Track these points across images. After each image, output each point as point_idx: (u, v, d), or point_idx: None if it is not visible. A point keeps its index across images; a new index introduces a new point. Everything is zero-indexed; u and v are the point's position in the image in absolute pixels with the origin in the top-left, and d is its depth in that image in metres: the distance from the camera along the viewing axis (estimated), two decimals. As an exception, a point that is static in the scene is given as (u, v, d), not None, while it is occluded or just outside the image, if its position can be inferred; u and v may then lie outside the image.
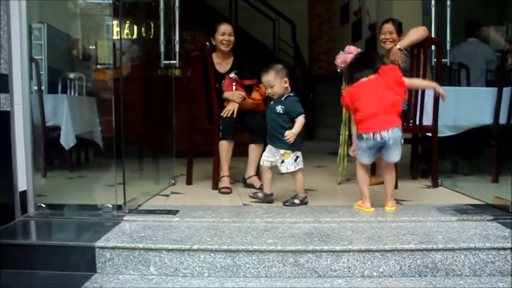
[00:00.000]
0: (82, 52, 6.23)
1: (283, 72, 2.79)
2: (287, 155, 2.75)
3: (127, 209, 2.61)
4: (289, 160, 2.75)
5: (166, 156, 3.80)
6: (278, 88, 2.77)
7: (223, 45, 3.45)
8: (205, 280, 2.06)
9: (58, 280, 2.11)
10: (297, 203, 2.79)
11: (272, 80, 2.76)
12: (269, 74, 2.77)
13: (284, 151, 2.74)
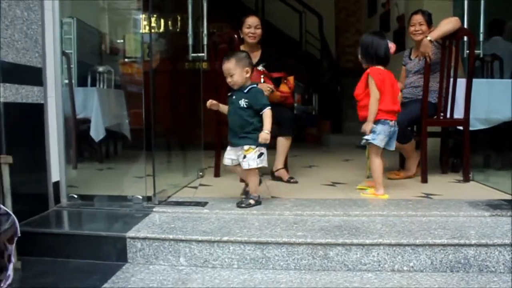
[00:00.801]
0: (110, 46, 6.31)
1: (245, 61, 2.60)
2: (250, 150, 2.56)
3: (156, 200, 2.65)
4: (251, 156, 2.56)
5: (194, 148, 3.82)
6: (238, 77, 2.57)
7: (249, 37, 3.45)
8: (235, 272, 2.07)
9: (91, 268, 2.16)
10: (252, 203, 2.59)
11: (232, 68, 2.57)
12: (229, 62, 2.58)
13: (248, 146, 2.56)
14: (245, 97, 2.58)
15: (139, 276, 2.04)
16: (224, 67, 2.60)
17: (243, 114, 2.58)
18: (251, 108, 2.58)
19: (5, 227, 1.30)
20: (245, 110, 2.58)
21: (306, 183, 3.35)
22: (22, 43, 2.45)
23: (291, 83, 3.50)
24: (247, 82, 2.62)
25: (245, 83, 2.61)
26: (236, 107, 2.61)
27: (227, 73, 2.59)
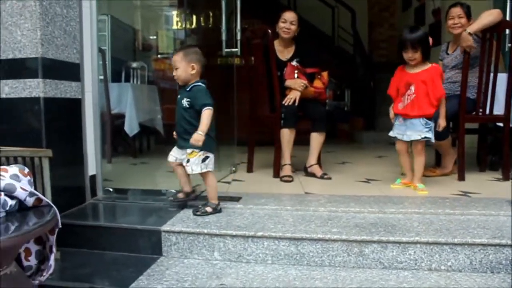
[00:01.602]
0: (143, 42, 6.39)
1: (193, 56, 2.40)
2: (194, 153, 2.37)
3: (191, 194, 2.66)
4: (195, 160, 2.37)
5: (227, 144, 3.83)
6: (182, 72, 2.39)
7: (283, 32, 3.42)
8: (269, 267, 2.07)
9: (126, 261, 2.19)
10: (209, 211, 2.42)
11: (178, 61, 2.40)
12: (177, 55, 2.42)
13: (192, 150, 2.37)
14: (187, 96, 2.40)
15: (174, 269, 2.06)
16: (172, 59, 2.47)
17: (185, 114, 2.40)
18: (193, 108, 2.38)
19: (47, 219, 1.33)
20: (187, 111, 2.40)
21: (340, 179, 3.31)
22: (61, 40, 2.50)
23: (325, 78, 3.46)
24: (192, 80, 2.42)
25: (190, 80, 2.42)
26: (180, 107, 2.43)
27: (173, 65, 2.43)
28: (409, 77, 2.87)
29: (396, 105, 2.95)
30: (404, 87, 2.89)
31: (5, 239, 1.19)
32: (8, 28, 2.37)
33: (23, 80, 2.37)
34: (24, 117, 2.41)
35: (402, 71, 2.94)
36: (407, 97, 2.86)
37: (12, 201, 1.37)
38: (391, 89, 3.02)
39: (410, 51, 2.81)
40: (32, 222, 1.33)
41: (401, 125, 2.91)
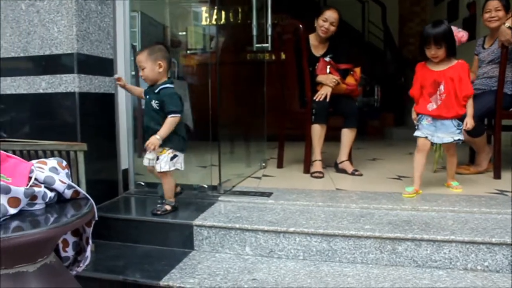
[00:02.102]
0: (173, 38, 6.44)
1: (159, 54, 2.31)
2: (164, 151, 2.33)
3: (222, 190, 2.69)
4: (163, 157, 2.32)
5: (257, 139, 3.83)
6: (149, 71, 2.29)
7: (321, 31, 3.37)
8: (300, 263, 2.06)
9: (158, 254, 2.22)
10: (168, 209, 2.39)
11: (143, 61, 2.29)
12: (141, 54, 2.31)
13: (162, 148, 2.32)
14: (156, 98, 2.31)
15: (206, 263, 2.07)
16: (136, 59, 2.35)
17: (155, 116, 2.33)
18: (162, 111, 2.31)
19: (85, 211, 1.35)
20: (158, 113, 2.32)
21: (371, 176, 3.27)
22: (95, 36, 2.54)
23: (357, 74, 3.42)
24: (161, 79, 2.34)
25: (158, 79, 2.33)
26: (149, 108, 2.35)
27: (138, 66, 2.34)
28: (436, 75, 2.68)
29: (423, 105, 2.72)
30: (431, 86, 2.69)
31: (45, 229, 1.22)
32: (45, 25, 2.42)
33: (59, 75, 2.43)
34: (60, 112, 2.46)
35: (425, 68, 2.74)
36: (438, 97, 2.68)
37: (51, 193, 1.40)
38: (415, 89, 2.79)
39: (433, 48, 2.61)
40: (70, 214, 1.35)
41: (430, 125, 2.71)
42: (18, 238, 1.17)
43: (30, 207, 1.35)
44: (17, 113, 2.57)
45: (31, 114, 2.54)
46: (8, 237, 1.15)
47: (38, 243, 1.24)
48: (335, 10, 3.36)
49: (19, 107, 2.55)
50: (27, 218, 1.29)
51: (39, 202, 1.36)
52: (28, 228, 1.23)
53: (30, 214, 1.32)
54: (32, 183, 1.34)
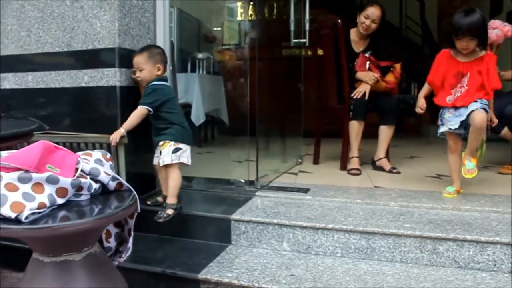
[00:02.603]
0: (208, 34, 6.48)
1: (159, 57, 2.32)
2: (165, 144, 2.27)
3: (259, 185, 2.68)
4: (165, 150, 2.26)
5: (293, 135, 3.82)
6: (147, 73, 2.29)
7: (362, 28, 3.30)
8: (338, 260, 2.04)
9: (196, 247, 2.23)
10: (171, 213, 2.25)
11: (142, 62, 2.29)
12: (140, 55, 2.31)
13: (163, 141, 2.28)
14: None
15: (243, 258, 2.08)
16: (134, 60, 2.33)
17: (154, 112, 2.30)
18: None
19: (129, 203, 1.37)
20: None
21: (409, 174, 3.21)
22: (136, 30, 2.57)
23: (397, 72, 3.35)
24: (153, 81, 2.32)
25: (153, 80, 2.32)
26: None
27: (136, 66, 2.32)
28: (462, 67, 2.50)
29: (442, 97, 2.56)
30: (454, 78, 2.52)
31: (92, 220, 1.24)
32: (89, 20, 2.47)
33: (101, 69, 2.47)
34: (101, 105, 2.51)
35: (450, 58, 2.55)
36: (459, 89, 2.51)
37: (96, 184, 1.43)
38: (437, 77, 2.58)
39: (465, 39, 2.40)
40: (114, 205, 1.38)
41: (454, 116, 2.52)
42: (66, 228, 1.20)
43: (76, 198, 1.38)
44: (59, 106, 2.63)
45: (73, 107, 2.59)
46: (57, 226, 1.19)
47: (84, 233, 1.28)
48: (379, 7, 3.26)
49: (62, 100, 2.61)
50: (73, 208, 1.33)
51: (84, 193, 1.40)
52: (75, 218, 1.26)
53: (76, 205, 1.36)
54: (78, 174, 1.37)
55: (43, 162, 1.33)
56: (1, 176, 1.24)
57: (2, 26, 2.73)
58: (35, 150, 1.33)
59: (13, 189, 1.23)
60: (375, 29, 3.31)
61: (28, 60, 2.67)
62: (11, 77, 2.74)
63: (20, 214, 1.19)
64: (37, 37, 2.63)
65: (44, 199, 1.26)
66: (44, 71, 2.63)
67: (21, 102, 2.73)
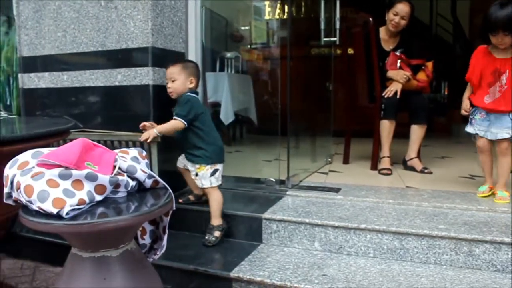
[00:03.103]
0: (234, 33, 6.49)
1: (193, 71, 2.29)
2: (202, 168, 2.25)
3: (290, 184, 2.68)
4: (203, 174, 2.24)
5: (323, 134, 3.80)
6: (180, 85, 2.25)
7: (391, 25, 3.25)
8: (370, 261, 2.02)
9: (227, 246, 2.24)
10: (218, 235, 2.25)
11: (176, 73, 2.25)
12: (174, 67, 2.27)
13: (199, 165, 2.25)
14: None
15: (274, 257, 2.08)
16: (168, 71, 2.29)
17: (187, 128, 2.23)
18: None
19: (165, 201, 1.38)
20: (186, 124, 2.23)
21: (441, 174, 3.15)
22: (169, 30, 2.60)
23: (429, 70, 3.28)
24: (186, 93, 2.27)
25: (185, 93, 2.27)
26: None
27: (168, 77, 2.28)
28: (499, 64, 2.38)
29: (480, 97, 2.46)
30: (491, 75, 2.41)
31: (130, 217, 1.26)
32: (122, 20, 2.50)
33: (134, 68, 2.50)
34: (134, 104, 2.55)
35: (487, 55, 2.44)
36: (498, 88, 2.40)
37: (133, 182, 1.44)
38: (473, 74, 2.48)
39: (500, 34, 2.28)
40: (150, 203, 1.39)
41: (484, 120, 2.45)
42: (104, 224, 1.22)
43: (113, 195, 1.40)
44: (93, 105, 2.69)
45: (106, 106, 2.64)
46: (96, 222, 1.21)
47: (122, 229, 1.29)
48: (407, 3, 3.20)
49: (96, 99, 2.66)
50: (111, 205, 1.35)
51: (121, 190, 1.41)
52: (112, 215, 1.28)
53: (114, 202, 1.38)
54: (116, 171, 1.39)
55: (82, 159, 1.35)
56: (43, 172, 1.27)
57: (39, 27, 2.79)
58: (74, 148, 1.36)
59: (54, 185, 1.25)
60: (404, 26, 3.25)
61: (63, 60, 2.73)
62: (47, 77, 2.81)
63: (61, 210, 1.21)
64: (72, 37, 2.69)
65: (83, 195, 1.28)
66: (79, 71, 2.69)
67: (56, 100, 2.80)
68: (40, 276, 2.27)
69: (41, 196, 1.23)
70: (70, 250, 1.40)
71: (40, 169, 1.29)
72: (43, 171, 1.28)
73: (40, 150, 1.38)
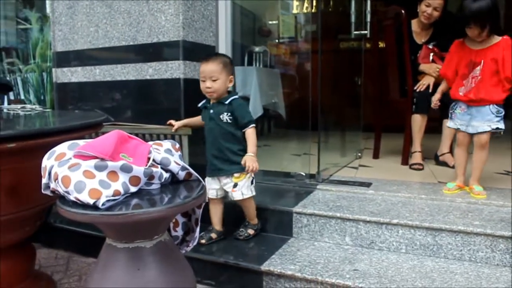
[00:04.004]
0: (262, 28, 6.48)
1: (231, 67, 2.09)
2: (242, 176, 2.08)
3: (320, 178, 2.66)
4: (244, 183, 2.08)
5: (353, 129, 3.76)
6: (221, 84, 2.04)
7: (423, 17, 3.18)
8: (403, 256, 1.99)
9: (257, 239, 2.24)
10: (252, 233, 2.23)
11: (218, 72, 2.02)
12: (214, 63, 2.03)
13: (239, 173, 2.08)
14: (228, 110, 2.06)
15: (305, 251, 2.07)
16: (207, 68, 2.04)
17: (227, 131, 2.06)
18: (237, 123, 2.07)
19: (198, 193, 1.39)
20: (230, 126, 2.06)
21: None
22: (199, 23, 2.61)
23: (463, 63, 3.21)
24: (226, 93, 2.10)
25: (224, 94, 2.08)
26: (217, 123, 2.08)
27: (208, 75, 2.03)
28: (474, 55, 2.33)
29: (455, 89, 2.41)
30: (465, 67, 2.36)
31: (164, 208, 1.27)
32: (154, 14, 2.52)
33: (165, 62, 2.53)
34: (165, 97, 2.57)
35: (462, 47, 2.40)
36: (471, 79, 2.33)
37: (167, 174, 1.45)
38: (448, 69, 2.46)
39: (475, 28, 2.24)
40: (184, 195, 1.40)
41: (464, 114, 2.39)
42: (140, 215, 1.22)
43: (147, 187, 1.41)
44: (124, 98, 2.72)
45: (137, 99, 2.68)
46: (131, 213, 1.22)
47: (156, 220, 1.30)
48: None
49: (127, 92, 2.70)
50: (145, 196, 1.35)
51: (155, 182, 1.42)
52: (146, 206, 1.28)
53: (147, 193, 1.39)
54: (150, 163, 1.41)
55: (117, 151, 1.37)
56: (80, 163, 1.29)
57: (72, 23, 2.84)
58: (110, 139, 1.38)
59: (90, 176, 1.27)
60: (437, 17, 3.18)
61: (96, 54, 2.78)
62: (80, 71, 2.86)
63: (97, 200, 1.23)
64: (104, 32, 2.73)
65: (118, 186, 1.29)
66: (110, 65, 2.73)
67: (88, 94, 2.85)
68: (73, 266, 2.32)
69: (78, 186, 1.24)
70: (105, 241, 1.42)
71: (77, 160, 1.31)
72: (79, 162, 1.29)
73: (76, 141, 1.40)
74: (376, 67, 3.52)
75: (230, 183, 2.10)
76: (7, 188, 1.64)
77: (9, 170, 1.63)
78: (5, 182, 1.63)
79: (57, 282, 2.12)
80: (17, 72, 4.27)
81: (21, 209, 1.71)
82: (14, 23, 5.15)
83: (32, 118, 2.17)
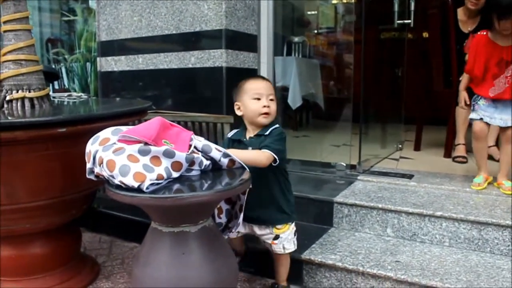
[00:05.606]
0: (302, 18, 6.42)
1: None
2: (286, 227, 1.75)
3: (361, 169, 2.64)
4: (287, 235, 1.74)
5: (394, 120, 3.69)
6: (275, 108, 1.69)
7: (470, 3, 3.08)
8: (446, 250, 1.95)
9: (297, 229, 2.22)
10: None
11: (273, 93, 1.71)
12: (268, 82, 1.74)
13: (282, 225, 1.74)
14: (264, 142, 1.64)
15: (346, 241, 2.05)
16: (263, 85, 1.71)
17: (267, 171, 1.65)
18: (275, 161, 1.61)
19: (244, 179, 1.39)
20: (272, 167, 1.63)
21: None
22: (242, 12, 2.61)
23: (511, 52, 3.10)
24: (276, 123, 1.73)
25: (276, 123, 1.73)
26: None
27: (266, 93, 1.68)
28: (505, 53, 2.20)
29: (484, 89, 2.28)
30: (496, 67, 2.23)
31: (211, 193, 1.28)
32: (196, 3, 2.54)
33: (207, 51, 2.54)
34: (207, 86, 2.59)
35: (490, 44, 2.25)
36: (504, 79, 2.21)
37: (207, 161, 1.46)
38: (477, 67, 2.27)
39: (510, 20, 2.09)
40: (225, 181, 1.39)
41: (489, 106, 2.27)
42: (188, 199, 1.24)
43: (188, 173, 1.42)
44: (167, 87, 2.76)
45: (179, 88, 2.71)
46: (180, 196, 1.24)
47: (202, 205, 1.32)
48: None
49: (169, 81, 2.73)
50: (185, 182, 1.37)
51: (195, 168, 1.43)
52: (187, 191, 1.29)
53: (188, 179, 1.39)
54: (191, 150, 1.42)
55: (160, 137, 1.39)
56: (124, 148, 1.31)
57: (117, 13, 2.89)
58: (153, 125, 1.40)
59: (134, 161, 1.29)
60: (484, 3, 3.06)
61: (139, 43, 2.82)
62: (123, 60, 2.91)
63: (142, 184, 1.25)
64: (148, 21, 2.76)
65: (161, 171, 1.31)
66: (153, 53, 2.76)
67: (131, 83, 2.90)
68: (116, 250, 2.38)
69: (123, 170, 1.27)
70: (148, 226, 1.45)
71: (121, 144, 1.33)
72: (123, 147, 1.32)
73: (120, 127, 1.42)
74: (420, 57, 3.44)
75: (270, 236, 1.75)
76: (57, 172, 1.69)
77: (59, 155, 1.68)
78: (55, 166, 1.69)
79: (101, 264, 2.18)
80: (62, 62, 4.40)
81: (69, 193, 1.76)
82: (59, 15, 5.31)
83: (79, 105, 2.23)
